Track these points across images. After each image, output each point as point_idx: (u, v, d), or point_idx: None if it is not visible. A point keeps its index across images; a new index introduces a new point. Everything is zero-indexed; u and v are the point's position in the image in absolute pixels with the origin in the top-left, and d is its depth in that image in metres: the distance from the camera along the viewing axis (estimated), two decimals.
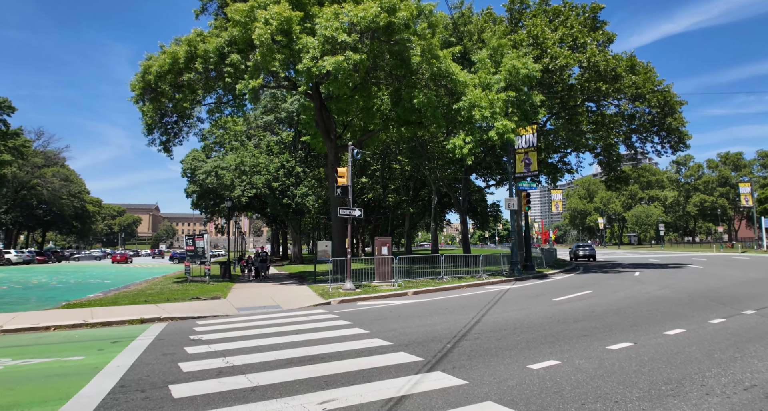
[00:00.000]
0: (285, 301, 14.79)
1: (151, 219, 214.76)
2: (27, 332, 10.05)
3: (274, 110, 53.70)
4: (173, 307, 13.35)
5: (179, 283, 22.05)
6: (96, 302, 14.68)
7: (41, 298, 17.69)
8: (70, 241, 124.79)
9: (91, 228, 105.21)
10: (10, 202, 68.30)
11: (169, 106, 25.42)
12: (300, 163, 49.66)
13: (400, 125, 26.06)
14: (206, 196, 56.03)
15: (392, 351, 7.43)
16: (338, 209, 16.95)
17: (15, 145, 57.19)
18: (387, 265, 18.42)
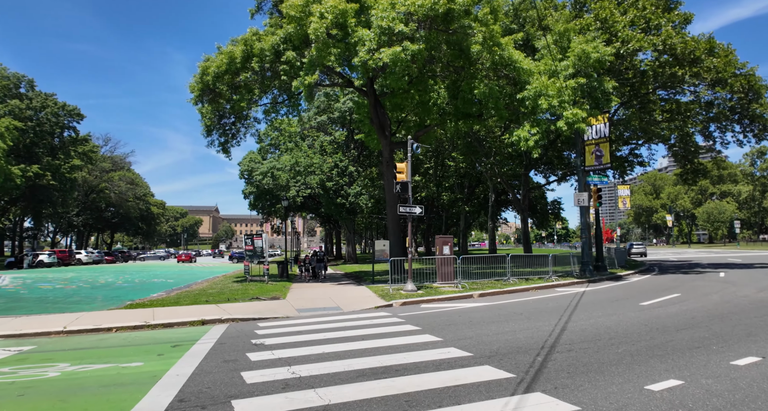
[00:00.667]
0: (345, 303, 14.19)
1: (211, 220, 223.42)
2: (89, 334, 9.93)
3: (326, 111, 53.83)
4: (234, 308, 13.04)
5: (239, 283, 22.06)
6: (158, 302, 14.67)
7: (107, 297, 18.05)
8: (136, 242, 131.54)
9: (155, 229, 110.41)
10: (80, 205, 72.49)
11: (227, 107, 25.63)
12: (353, 162, 49.47)
13: (458, 119, 24.98)
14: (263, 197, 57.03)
15: (475, 364, 6.55)
16: (398, 206, 16.19)
17: (84, 151, 60.53)
18: (449, 266, 17.47)
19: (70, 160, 56.78)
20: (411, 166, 16.25)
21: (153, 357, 7.45)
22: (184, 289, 20.67)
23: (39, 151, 53.10)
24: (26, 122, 50.47)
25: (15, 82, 53.63)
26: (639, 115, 30.21)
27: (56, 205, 59.62)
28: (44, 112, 54.26)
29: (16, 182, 42.29)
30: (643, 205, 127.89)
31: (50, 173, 52.26)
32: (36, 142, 52.98)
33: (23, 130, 48.93)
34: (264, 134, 62.90)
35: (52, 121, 55.41)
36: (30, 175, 46.69)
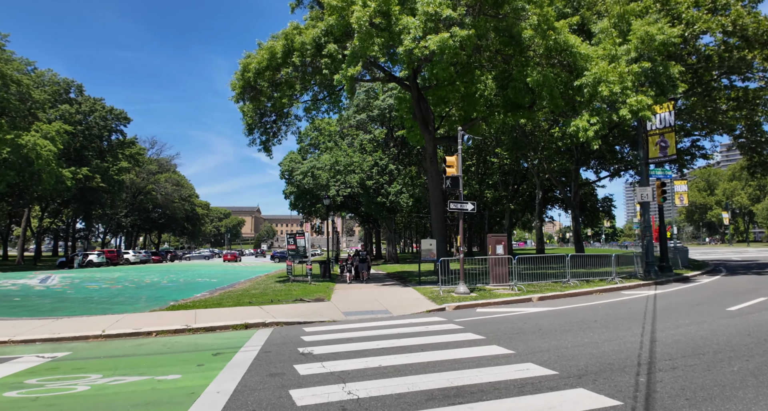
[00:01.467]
0: (393, 306, 13.26)
1: (253, 220, 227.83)
2: (128, 338, 9.39)
3: (366, 109, 53.17)
4: (278, 310, 12.35)
5: (281, 283, 21.54)
6: (200, 303, 14.18)
7: (151, 297, 17.81)
8: (182, 242, 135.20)
9: (200, 229, 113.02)
10: (129, 207, 74.62)
11: (268, 105, 25.25)
12: (393, 160, 48.61)
13: (506, 111, 23.68)
14: (303, 197, 56.97)
15: (565, 385, 5.47)
16: (448, 202, 15.13)
17: (131, 153, 62.10)
18: (503, 266, 16.27)
19: (118, 162, 58.36)
20: (461, 159, 15.15)
21: (192, 368, 6.73)
22: (227, 289, 20.30)
23: (88, 154, 54.75)
24: (76, 126, 52.08)
25: (65, 87, 55.50)
26: (703, 103, 27.97)
27: (105, 207, 61.46)
28: (93, 116, 55.94)
29: (66, 184, 43.55)
30: (697, 202, 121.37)
31: (99, 175, 53.77)
32: (85, 146, 54.64)
33: (73, 133, 50.49)
34: (304, 134, 63.04)
35: (101, 124, 57.07)
36: (80, 178, 48.09)
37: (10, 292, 19.05)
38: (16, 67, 41.09)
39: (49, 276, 29.52)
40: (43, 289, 20.40)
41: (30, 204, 53.56)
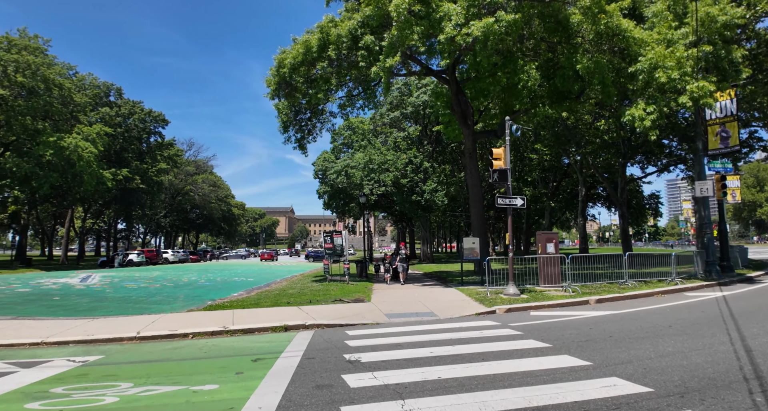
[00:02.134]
0: (439, 308, 12.45)
1: (287, 221, 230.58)
2: (163, 340, 8.92)
3: (399, 106, 52.42)
4: (317, 311, 11.72)
5: (318, 282, 21.03)
6: (238, 303, 13.71)
7: (188, 296, 17.55)
8: (219, 242, 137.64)
9: (236, 229, 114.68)
10: (168, 207, 76.16)
11: (303, 102, 24.86)
12: (427, 158, 47.68)
13: (552, 102, 22.50)
14: (337, 196, 56.70)
15: (670, 407, 4.57)
16: (496, 197, 14.18)
17: (169, 155, 63.22)
18: (554, 266, 15.22)
19: (156, 163, 59.51)
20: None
21: (230, 376, 6.11)
22: (264, 289, 19.92)
23: (128, 155, 55.97)
24: (116, 128, 53.30)
25: (105, 90, 56.92)
26: (765, 90, 26.00)
27: (145, 207, 62.80)
28: (132, 118, 57.17)
29: (107, 185, 44.51)
30: (745, 199, 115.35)
31: (139, 177, 54.89)
32: (125, 148, 55.88)
33: (113, 135, 51.64)
34: (337, 133, 62.79)
35: (139, 126, 58.27)
36: (120, 179, 49.14)
37: (51, 291, 19.16)
38: (58, 72, 42.17)
39: (90, 275, 29.97)
40: (82, 288, 20.50)
41: (73, 205, 55.16)
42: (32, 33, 40.44)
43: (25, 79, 36.95)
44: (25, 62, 36.77)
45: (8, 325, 10.25)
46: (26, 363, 6.99)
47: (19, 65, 36.66)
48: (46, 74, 38.92)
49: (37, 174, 37.24)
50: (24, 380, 5.94)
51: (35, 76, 37.74)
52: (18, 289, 19.89)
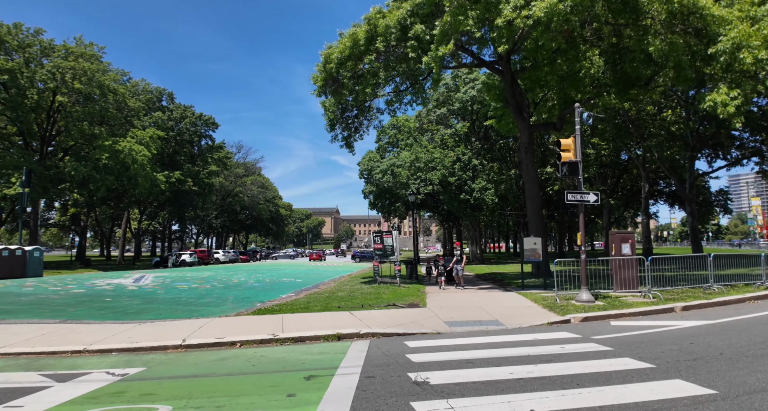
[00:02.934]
0: (504, 315, 11.28)
1: (332, 221, 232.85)
2: (210, 349, 8.25)
3: (445, 103, 51.13)
4: (370, 317, 10.83)
5: (367, 284, 20.24)
6: (287, 307, 13.04)
7: (237, 298, 17.13)
8: (267, 242, 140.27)
9: (284, 230, 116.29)
10: (218, 209, 77.90)
11: (349, 99, 24.25)
12: (476, 155, 46.13)
13: (618, 90, 20.78)
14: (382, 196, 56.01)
15: None
16: (566, 194, 12.84)
17: (219, 157, 64.45)
18: (631, 269, 13.69)
19: (207, 166, 60.77)
20: (580, 141, 12.79)
21: (281, 399, 5.27)
22: (313, 291, 19.34)
23: (180, 158, 57.39)
24: (168, 132, 54.72)
25: (157, 95, 58.63)
26: None
27: (197, 209, 64.28)
28: (183, 122, 58.60)
29: (161, 187, 45.60)
30: None
31: (191, 179, 56.16)
32: (177, 151, 57.33)
33: (165, 139, 53.02)
34: (382, 133, 62.13)
35: (191, 130, 59.66)
36: (173, 181, 50.32)
37: (104, 292, 19.27)
38: (113, 78, 43.55)
39: (144, 275, 30.46)
40: (134, 289, 20.56)
41: (129, 207, 57.06)
42: (88, 41, 41.87)
43: (81, 86, 38.24)
44: (82, 69, 38.05)
45: (56, 329, 9.92)
46: (63, 376, 6.43)
47: (76, 72, 37.98)
48: (102, 80, 40.18)
49: (94, 177, 38.46)
50: (54, 399, 5.33)
51: (91, 83, 39.01)
52: (73, 290, 20.14)
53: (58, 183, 38.68)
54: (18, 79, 35.79)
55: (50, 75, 37.10)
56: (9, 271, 27.79)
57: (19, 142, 40.90)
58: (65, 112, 39.52)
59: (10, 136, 41.06)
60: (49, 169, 38.08)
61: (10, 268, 27.90)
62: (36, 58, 38.68)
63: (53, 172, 38.07)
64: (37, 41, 38.58)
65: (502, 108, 26.70)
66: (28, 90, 36.95)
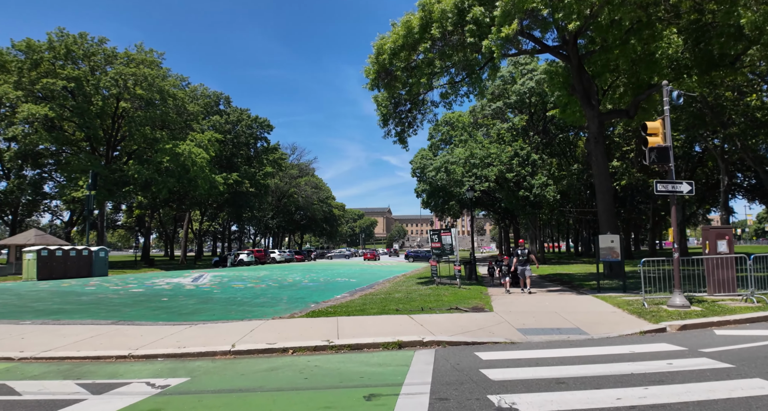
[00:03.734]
0: (585, 322, 9.96)
1: (384, 221, 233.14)
2: (259, 356, 7.55)
3: (501, 96, 49.17)
4: (433, 322, 9.84)
5: (424, 285, 19.23)
6: (342, 308, 12.27)
7: (292, 298, 16.61)
8: (321, 242, 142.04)
9: (337, 230, 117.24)
10: (274, 209, 79.26)
11: (402, 93, 23.36)
12: (535, 149, 43.95)
13: (701, 71, 18.68)
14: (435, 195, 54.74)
15: None
16: (654, 184, 11.29)
17: (275, 159, 65.42)
18: (729, 270, 11.94)
19: (263, 167, 61.80)
20: (669, 124, 11.19)
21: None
22: (367, 291, 18.57)
23: (237, 160, 58.65)
24: (225, 135, 56.00)
25: (215, 99, 60.24)
26: None
27: (254, 209, 65.55)
28: (240, 125, 59.86)
29: (219, 189, 46.58)
30: None
31: (248, 180, 57.26)
32: (234, 153, 58.62)
33: (223, 142, 54.27)
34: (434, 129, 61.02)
35: (247, 133, 60.87)
36: (231, 183, 51.35)
37: (161, 291, 19.34)
38: (172, 83, 44.90)
39: (202, 274, 30.88)
40: (192, 289, 20.57)
41: (190, 208, 58.87)
42: (148, 48, 43.33)
43: (143, 92, 39.56)
44: (142, 75, 39.34)
45: (105, 331, 9.59)
46: (100, 386, 5.87)
47: (138, 78, 39.32)
48: (162, 85, 41.43)
49: (156, 180, 39.67)
50: None
51: (152, 88, 40.28)
52: (132, 289, 20.40)
53: (122, 186, 40.22)
54: (84, 86, 37.45)
55: (113, 82, 38.59)
56: (76, 270, 28.92)
57: (86, 148, 42.91)
58: (128, 118, 41.04)
59: (78, 142, 43.15)
60: (114, 173, 39.64)
61: (77, 268, 29.03)
62: (100, 66, 40.42)
63: (118, 175, 39.61)
64: (100, 50, 40.29)
65: (566, 96, 24.90)
66: (93, 97, 38.62)
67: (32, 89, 36.64)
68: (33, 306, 14.22)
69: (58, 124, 40.52)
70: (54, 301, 15.74)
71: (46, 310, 13.19)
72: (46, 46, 37.02)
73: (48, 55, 36.97)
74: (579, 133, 52.07)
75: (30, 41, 36.44)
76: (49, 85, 35.49)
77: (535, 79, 43.44)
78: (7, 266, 30.71)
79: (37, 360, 7.39)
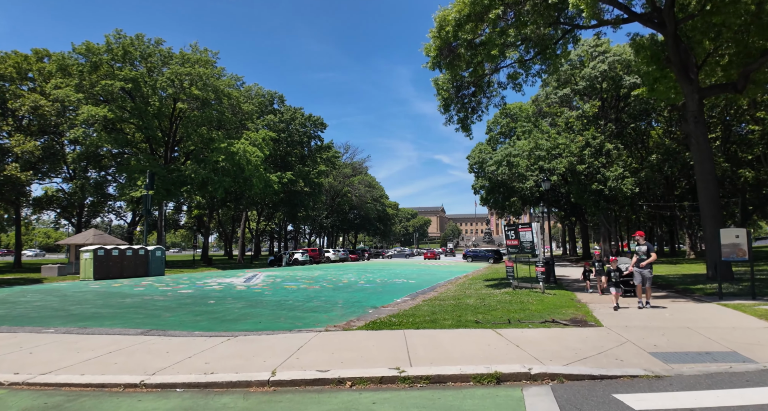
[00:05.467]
0: (739, 343, 7.36)
1: (438, 220, 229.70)
2: (307, 389, 5.62)
3: (568, 83, 45.46)
4: (530, 342, 7.58)
5: (495, 288, 16.86)
6: (408, 318, 10.22)
7: (347, 302, 14.78)
8: (375, 242, 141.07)
9: (391, 229, 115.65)
10: (328, 209, 78.62)
11: (465, 75, 21.12)
12: (609, 138, 40.08)
13: None
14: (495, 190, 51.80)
15: None
16: None
17: (328, 157, 64.48)
18: None
19: (317, 166, 60.94)
20: None
21: None
22: (430, 295, 16.52)
23: (291, 159, 58.05)
24: (279, 134, 55.47)
25: (269, 99, 59.96)
26: None
27: (308, 209, 64.89)
28: (293, 123, 59.24)
29: (274, 188, 45.84)
30: None
31: (302, 179, 56.55)
32: (289, 152, 58.05)
33: (277, 140, 53.74)
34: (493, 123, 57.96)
35: (301, 131, 60.21)
36: (285, 182, 50.62)
37: (210, 293, 18.06)
38: (227, 83, 44.53)
39: (256, 274, 29.83)
40: (242, 290, 19.22)
41: (247, 208, 58.89)
42: (202, 48, 43.15)
43: (198, 92, 39.28)
44: (198, 74, 39.05)
45: (128, 344, 8.01)
46: None
47: (193, 78, 39.07)
48: (216, 85, 41.07)
49: (212, 179, 39.28)
50: None
51: (207, 87, 39.96)
52: (182, 290, 19.29)
53: (180, 186, 40.14)
54: (141, 87, 37.56)
55: (169, 82, 38.52)
56: (133, 270, 28.59)
57: (146, 149, 43.33)
58: (185, 119, 41.01)
59: (138, 144, 43.67)
60: (172, 173, 39.60)
61: (134, 268, 28.69)
62: (157, 67, 40.55)
63: (175, 175, 39.54)
64: (157, 51, 40.41)
65: (657, 71, 21.59)
66: (151, 97, 38.70)
67: (92, 92, 37.12)
68: (69, 310, 13.12)
69: (119, 126, 41.08)
70: (95, 303, 14.68)
71: (81, 315, 11.99)
72: (104, 49, 37.39)
73: (106, 57, 37.35)
74: (651, 123, 47.54)
75: (89, 44, 36.91)
76: (108, 87, 35.76)
77: (607, 62, 39.65)
78: (68, 265, 30.97)
79: (30, 386, 5.82)
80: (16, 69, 38.93)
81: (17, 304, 14.81)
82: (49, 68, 39.66)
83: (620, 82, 39.41)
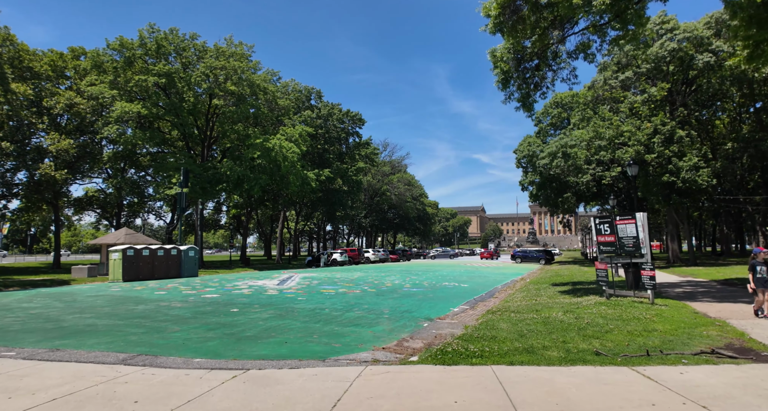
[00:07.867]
0: None
1: (478, 220, 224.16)
2: None
3: (628, 66, 41.15)
4: (706, 394, 4.62)
5: (575, 295, 13.75)
6: (488, 345, 7.37)
7: (394, 311, 12.08)
8: (414, 242, 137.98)
9: (431, 229, 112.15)
10: (367, 208, 76.23)
11: (526, 44, 18.14)
12: (680, 124, 35.72)
13: None
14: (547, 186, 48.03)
15: None
16: None
17: (366, 154, 61.99)
18: None
19: (355, 163, 58.58)
20: None
21: None
22: (491, 302, 13.74)
23: (329, 156, 55.88)
24: (317, 130, 53.40)
25: (306, 94, 58.05)
26: None
27: (346, 208, 62.66)
28: (331, 119, 57.06)
29: (311, 185, 43.71)
30: None
31: (340, 177, 54.32)
32: (326, 149, 55.92)
33: (314, 136, 51.69)
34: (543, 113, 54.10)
35: (338, 127, 58.04)
36: (323, 179, 48.46)
37: (237, 298, 15.66)
38: (263, 78, 42.65)
39: (291, 276, 27.55)
40: (274, 294, 16.79)
41: (284, 207, 57.17)
42: (237, 41, 41.41)
43: (234, 87, 37.51)
44: (233, 68, 37.29)
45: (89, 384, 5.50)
46: None
47: (228, 72, 37.33)
48: (252, 79, 39.23)
49: (248, 177, 37.44)
50: None
51: (242, 82, 38.17)
52: (206, 294, 17.04)
53: (216, 184, 38.51)
54: (176, 82, 36.09)
55: (204, 76, 36.95)
56: (165, 270, 26.83)
57: (182, 147, 42.03)
58: (221, 116, 39.43)
59: (174, 142, 42.44)
60: (207, 171, 38.03)
61: (165, 268, 26.93)
62: (192, 63, 39.10)
63: (211, 173, 37.94)
64: (191, 44, 38.94)
65: (759, 34, 17.84)
66: (185, 93, 37.19)
67: (126, 88, 35.95)
68: (63, 320, 10.90)
69: (155, 125, 39.91)
70: (98, 312, 12.48)
71: (69, 329, 9.71)
72: (138, 44, 36.16)
73: (140, 52, 36.09)
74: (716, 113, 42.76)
75: (122, 39, 35.75)
76: (141, 82, 34.41)
77: (677, 39, 35.35)
78: (99, 266, 29.58)
79: None
80: (52, 67, 38.26)
81: (11, 311, 12.82)
82: (84, 65, 38.87)
83: (690, 62, 35.02)
